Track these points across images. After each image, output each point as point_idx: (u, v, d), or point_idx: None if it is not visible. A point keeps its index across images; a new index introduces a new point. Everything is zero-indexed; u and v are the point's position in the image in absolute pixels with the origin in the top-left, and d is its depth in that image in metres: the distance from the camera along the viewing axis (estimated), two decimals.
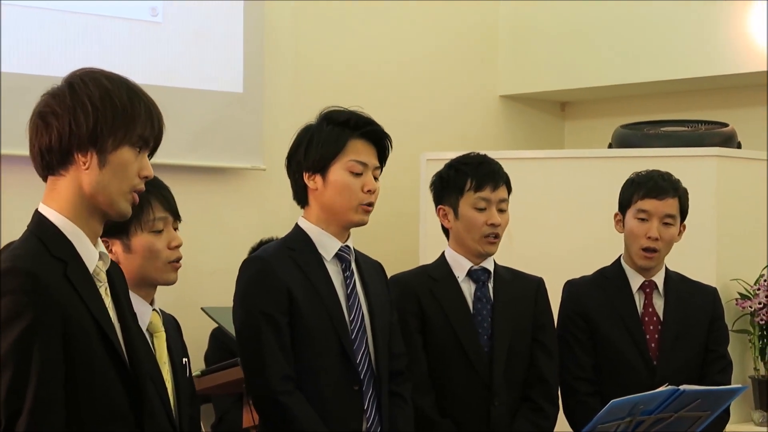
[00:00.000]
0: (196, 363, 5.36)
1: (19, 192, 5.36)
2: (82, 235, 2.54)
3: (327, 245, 3.57)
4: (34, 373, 2.39)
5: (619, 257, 4.27)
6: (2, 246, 3.88)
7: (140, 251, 3.19)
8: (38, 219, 2.55)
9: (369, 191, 3.54)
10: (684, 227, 4.23)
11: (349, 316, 3.55)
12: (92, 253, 2.56)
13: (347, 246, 3.60)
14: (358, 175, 3.53)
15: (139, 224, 3.17)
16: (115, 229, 3.07)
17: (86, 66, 2.62)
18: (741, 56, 6.50)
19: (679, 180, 4.25)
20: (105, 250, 2.62)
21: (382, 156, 3.62)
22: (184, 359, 3.34)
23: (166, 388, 3.12)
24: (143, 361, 2.64)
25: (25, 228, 2.58)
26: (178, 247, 3.27)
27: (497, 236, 3.95)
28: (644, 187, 4.17)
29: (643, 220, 4.15)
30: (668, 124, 6.19)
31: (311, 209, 3.59)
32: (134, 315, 2.73)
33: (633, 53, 6.88)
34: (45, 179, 2.58)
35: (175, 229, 3.30)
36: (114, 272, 2.67)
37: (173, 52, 5.96)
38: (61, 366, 2.43)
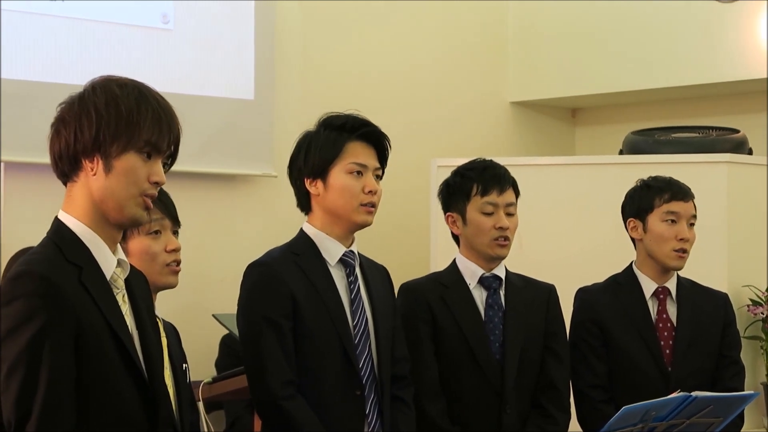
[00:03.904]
0: (207, 370, 5.38)
1: (21, 199, 5.39)
2: (99, 242, 2.56)
3: (331, 250, 3.58)
4: (45, 376, 2.40)
5: (631, 264, 4.26)
6: (20, 251, 3.90)
7: (137, 254, 3.18)
8: (57, 226, 2.57)
9: (370, 192, 3.54)
10: None
11: (353, 321, 3.55)
12: (110, 260, 2.57)
13: (351, 251, 3.61)
14: (358, 177, 3.54)
15: (135, 227, 3.17)
16: None
17: (97, 73, 2.64)
18: (752, 62, 6.49)
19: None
20: (125, 258, 2.63)
21: (383, 156, 3.63)
22: (184, 365, 3.34)
23: (168, 394, 3.12)
24: (159, 370, 2.64)
25: (26, 234, 2.59)
26: (175, 251, 3.26)
27: (507, 239, 3.95)
28: (668, 191, 4.19)
29: (672, 222, 4.16)
30: (679, 131, 6.19)
31: (315, 215, 3.60)
32: (155, 324, 2.73)
33: (644, 59, 6.88)
34: (66, 186, 2.61)
35: (175, 233, 3.29)
36: (135, 280, 2.68)
37: (184, 59, 5.97)
38: (73, 370, 2.44)
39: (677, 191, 4.20)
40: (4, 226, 5.37)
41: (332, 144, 3.55)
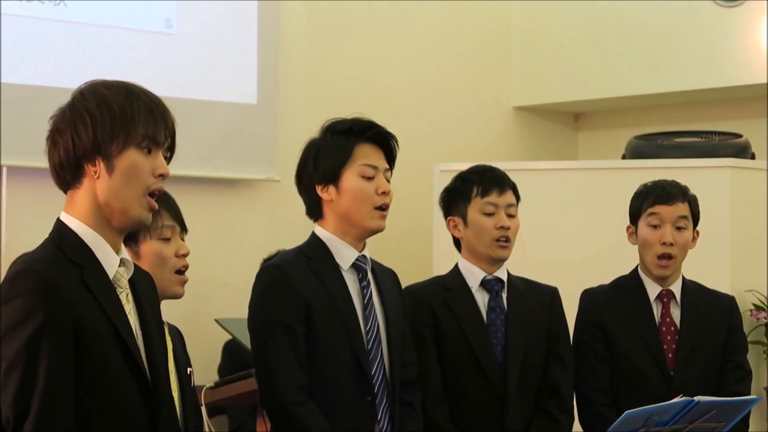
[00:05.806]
0: (210, 375, 5.38)
1: (23, 203, 5.40)
2: (102, 242, 2.56)
3: (344, 254, 3.57)
4: (43, 374, 2.41)
5: (637, 267, 4.25)
6: (21, 255, 3.93)
7: (149, 258, 3.21)
8: (58, 227, 2.58)
9: (383, 192, 3.55)
10: (698, 233, 4.20)
11: (365, 326, 3.55)
12: (112, 259, 2.57)
13: (364, 255, 3.60)
14: (370, 179, 3.54)
15: (147, 231, 3.20)
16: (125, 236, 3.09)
17: (101, 78, 2.65)
18: (755, 67, 6.50)
19: (687, 186, 4.24)
20: (128, 258, 2.63)
21: (390, 156, 3.63)
22: (189, 369, 3.35)
23: (173, 398, 3.13)
24: (163, 370, 2.64)
25: (28, 238, 2.60)
26: (185, 255, 3.29)
27: (508, 240, 3.95)
28: (653, 195, 4.15)
29: (655, 226, 4.13)
30: (682, 135, 6.19)
31: (327, 221, 3.59)
32: (160, 325, 2.74)
33: (646, 64, 6.88)
34: (66, 193, 2.61)
35: (182, 239, 3.32)
36: (140, 281, 2.67)
37: (187, 64, 5.98)
38: (71, 368, 2.44)
39: (661, 194, 4.14)
40: (6, 229, 5.39)
41: (341, 148, 3.55)
